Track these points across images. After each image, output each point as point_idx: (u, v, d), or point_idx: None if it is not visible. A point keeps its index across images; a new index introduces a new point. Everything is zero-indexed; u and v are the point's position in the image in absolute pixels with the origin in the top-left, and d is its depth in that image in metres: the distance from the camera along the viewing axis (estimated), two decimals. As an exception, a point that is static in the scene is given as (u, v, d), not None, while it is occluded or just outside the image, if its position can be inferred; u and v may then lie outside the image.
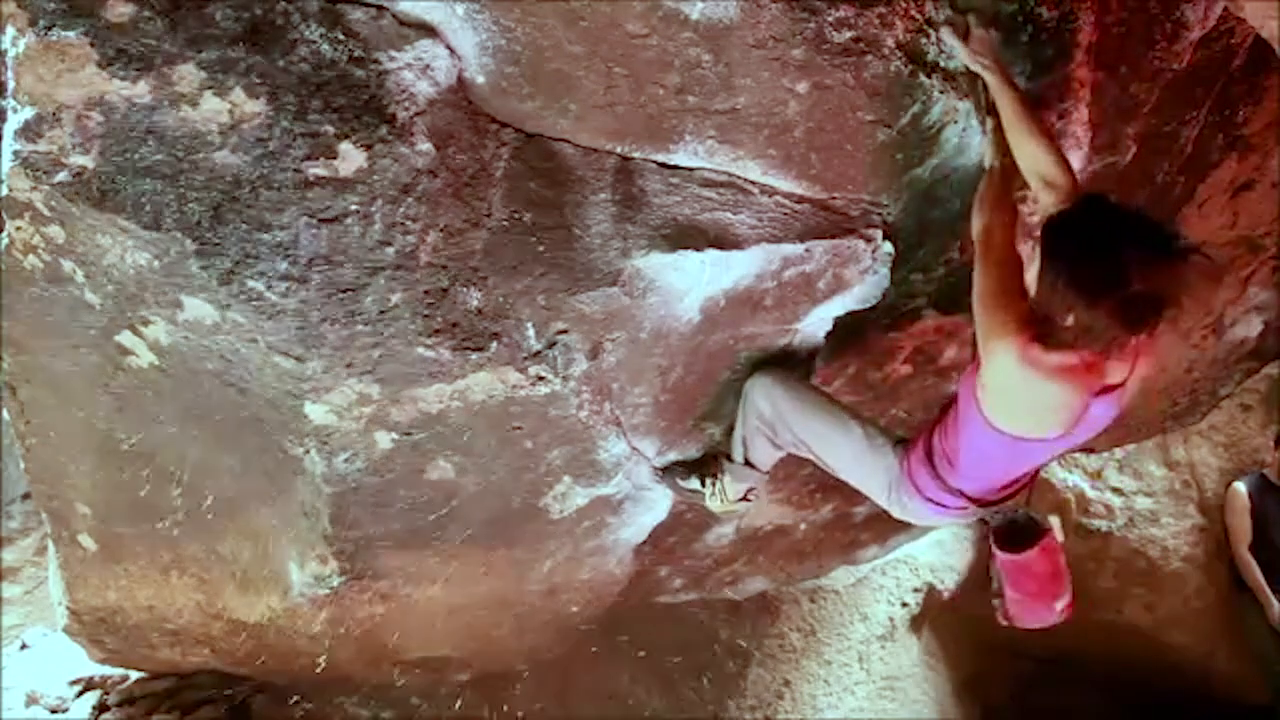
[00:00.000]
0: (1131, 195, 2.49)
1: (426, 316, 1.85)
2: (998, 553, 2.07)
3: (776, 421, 2.19)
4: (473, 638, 2.92)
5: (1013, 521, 2.05)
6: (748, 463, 2.33)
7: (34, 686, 3.39)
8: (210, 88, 1.58)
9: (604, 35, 1.69)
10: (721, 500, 2.41)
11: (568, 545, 2.54)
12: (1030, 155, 1.77)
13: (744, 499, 2.43)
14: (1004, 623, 2.18)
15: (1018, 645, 5.25)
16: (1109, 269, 1.51)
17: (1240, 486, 4.41)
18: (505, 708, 3.67)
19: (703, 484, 2.41)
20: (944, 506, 2.03)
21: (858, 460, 2.13)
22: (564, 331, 2.00)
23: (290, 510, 2.23)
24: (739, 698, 4.20)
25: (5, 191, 1.68)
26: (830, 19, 1.75)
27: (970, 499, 1.99)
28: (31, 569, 4.21)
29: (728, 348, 2.22)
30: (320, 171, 1.66)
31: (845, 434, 2.13)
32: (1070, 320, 1.57)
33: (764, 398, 2.21)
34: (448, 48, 1.68)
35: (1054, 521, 2.11)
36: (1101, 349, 1.61)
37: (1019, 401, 1.73)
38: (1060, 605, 2.12)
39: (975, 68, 1.84)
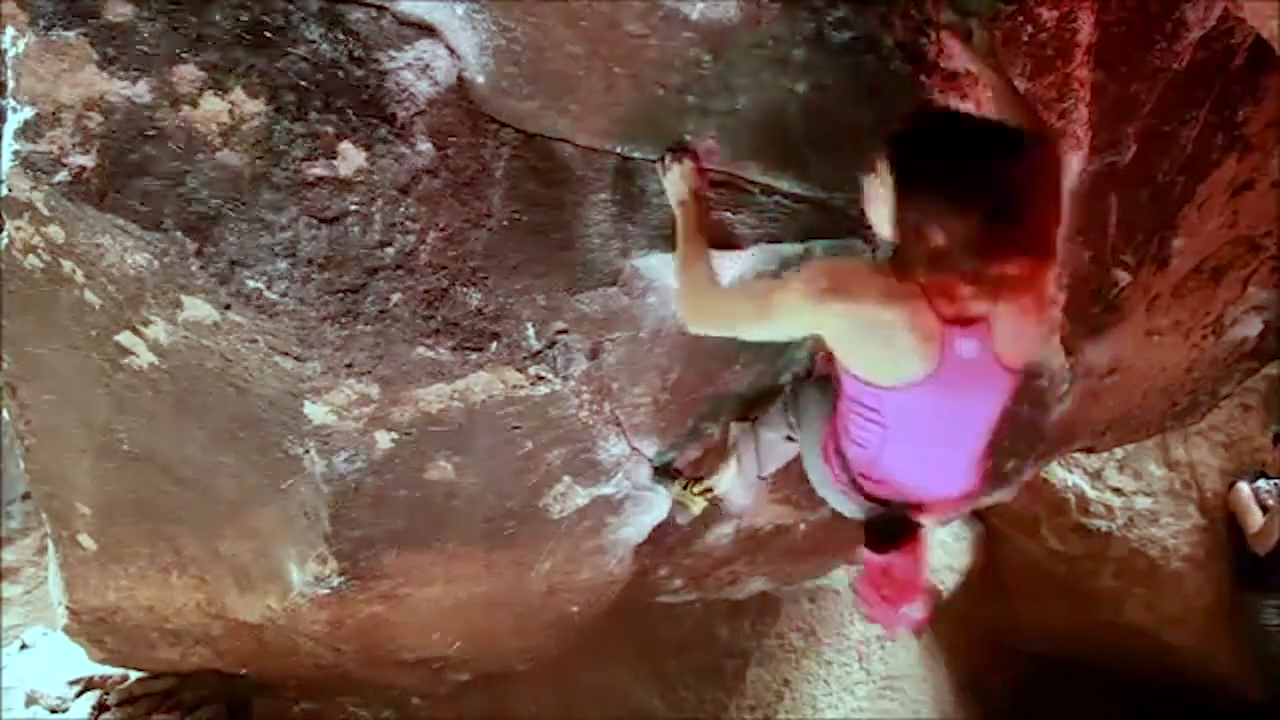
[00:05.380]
0: (1132, 195, 2.49)
1: (426, 316, 1.85)
2: (865, 550, 1.95)
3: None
4: (473, 638, 2.92)
5: (888, 520, 1.92)
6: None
7: (34, 686, 3.39)
8: (210, 88, 1.58)
9: (604, 35, 1.69)
10: (685, 486, 2.40)
11: (568, 545, 2.54)
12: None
13: (707, 493, 2.41)
14: (867, 618, 2.09)
15: (1018, 645, 5.27)
16: (971, 169, 1.46)
17: (1243, 486, 4.42)
18: (505, 708, 3.67)
19: (687, 483, 2.42)
20: (835, 472, 1.93)
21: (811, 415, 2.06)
22: (564, 331, 2.00)
23: (290, 510, 2.23)
24: (739, 698, 4.21)
25: (5, 191, 1.68)
26: (830, 19, 1.75)
27: (861, 488, 1.88)
28: (31, 569, 4.21)
29: (728, 348, 2.22)
30: (320, 171, 1.66)
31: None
32: (941, 236, 1.47)
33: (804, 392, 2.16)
34: (448, 48, 1.68)
35: (928, 525, 1.97)
36: (969, 261, 1.49)
37: (867, 342, 1.61)
38: (912, 612, 1.99)
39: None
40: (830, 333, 1.63)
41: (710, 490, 2.43)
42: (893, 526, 1.90)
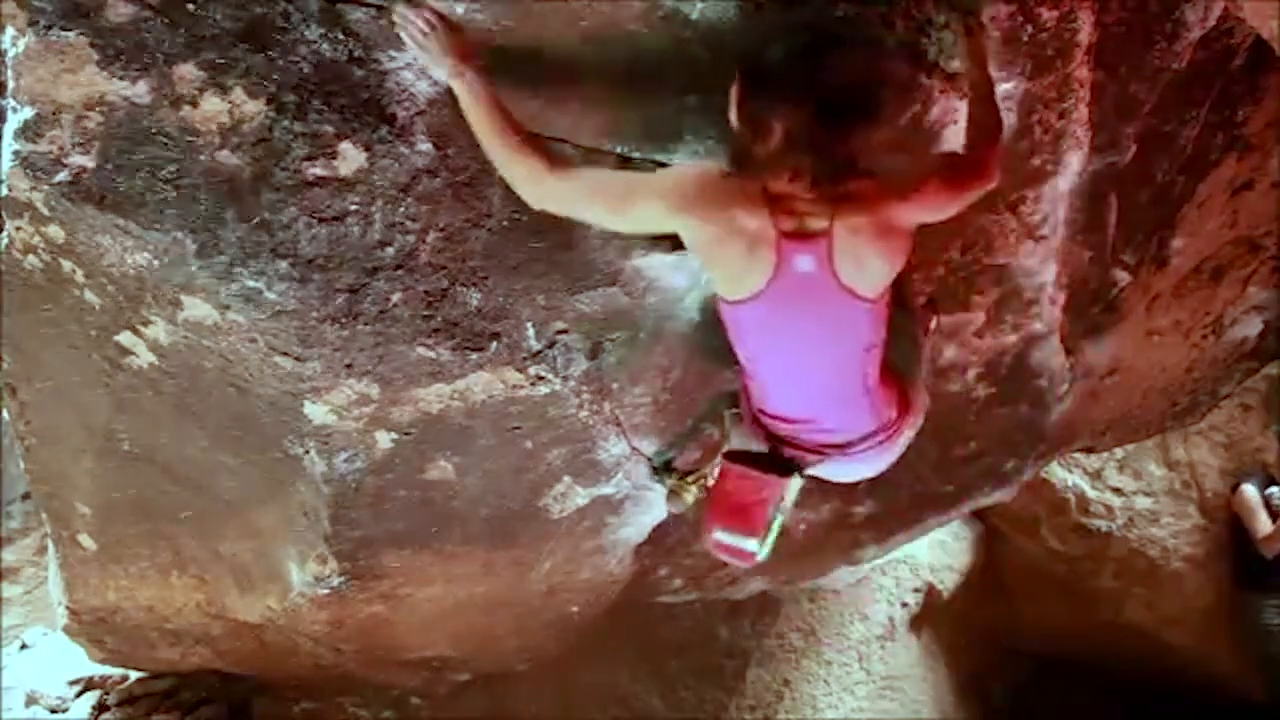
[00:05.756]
0: (1132, 195, 2.49)
1: (426, 316, 1.85)
2: (722, 458, 2.04)
3: None
4: (473, 638, 2.92)
5: (766, 454, 1.97)
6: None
7: (34, 686, 3.39)
8: (210, 88, 1.58)
9: (604, 35, 1.69)
10: (681, 477, 2.39)
11: (568, 545, 2.54)
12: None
13: (701, 480, 2.39)
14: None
15: (1018, 645, 5.27)
16: (806, 69, 1.57)
17: (1249, 488, 4.41)
18: (505, 708, 3.67)
19: (682, 476, 2.41)
20: (743, 408, 2.01)
21: None
22: (564, 331, 2.00)
23: (290, 510, 2.24)
24: (739, 698, 4.21)
25: (5, 191, 1.68)
26: (830, 19, 1.75)
27: (764, 426, 1.95)
28: (31, 569, 4.22)
29: (728, 348, 2.22)
30: (320, 171, 1.66)
31: None
32: (779, 131, 1.54)
33: None
34: (448, 48, 1.68)
35: (793, 484, 1.98)
36: (806, 158, 1.57)
37: (717, 253, 1.67)
38: (721, 536, 2.02)
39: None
40: (688, 237, 1.68)
41: (704, 478, 2.42)
42: (764, 455, 1.96)
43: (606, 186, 1.69)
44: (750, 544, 2.01)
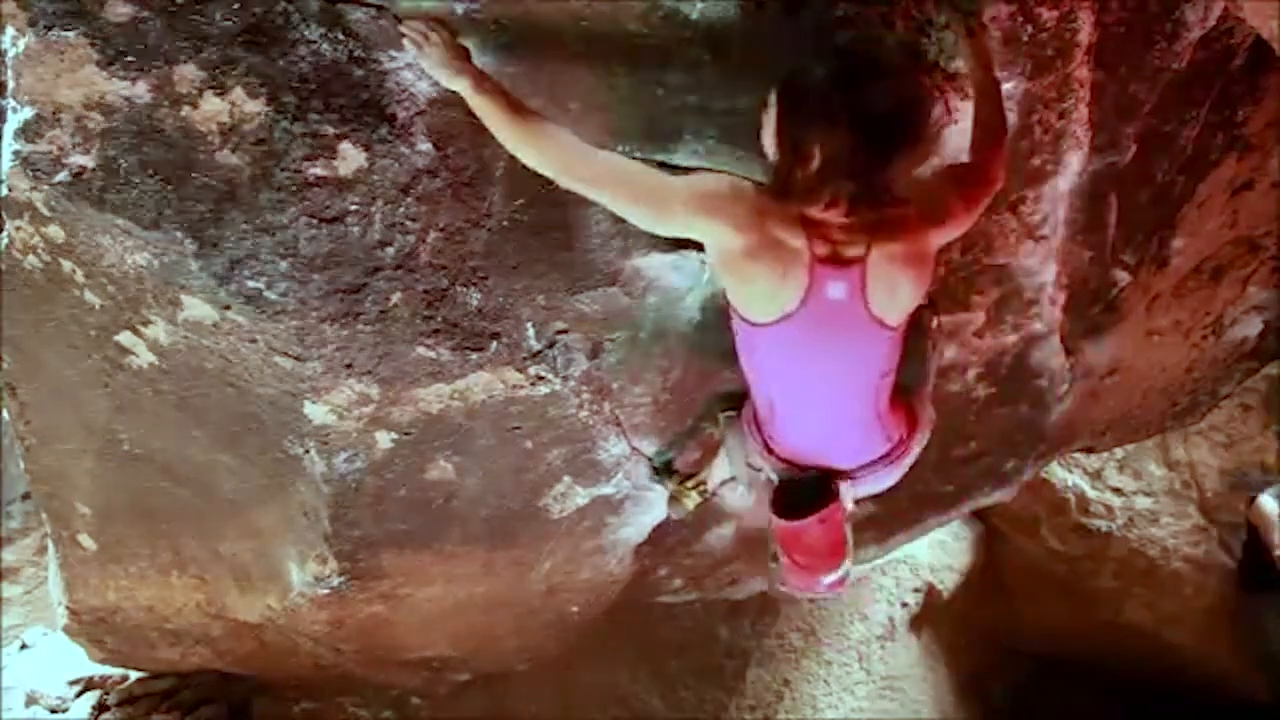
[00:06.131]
0: (1132, 195, 2.49)
1: (426, 316, 1.85)
2: (773, 518, 1.94)
3: None
4: (473, 638, 2.92)
5: (799, 484, 1.90)
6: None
7: (34, 686, 3.39)
8: (210, 88, 1.58)
9: (604, 35, 1.69)
10: (681, 481, 2.39)
11: (568, 545, 2.54)
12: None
13: (700, 486, 2.40)
14: (780, 587, 2.06)
15: (1018, 645, 5.27)
16: (848, 93, 1.54)
17: (1268, 500, 4.38)
18: (505, 708, 3.67)
19: (683, 480, 2.42)
20: (752, 433, 1.95)
21: None
22: (564, 331, 2.00)
23: (290, 510, 2.24)
24: (739, 698, 4.21)
25: (5, 191, 1.68)
26: (830, 19, 1.75)
27: (773, 451, 1.91)
28: (31, 569, 4.22)
29: (728, 348, 2.22)
30: (320, 171, 1.66)
31: None
32: (817, 155, 1.52)
33: None
34: (448, 48, 1.68)
35: (845, 491, 1.93)
36: (839, 184, 1.55)
37: (748, 268, 1.62)
38: (828, 579, 1.99)
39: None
40: (719, 246, 1.63)
41: (703, 483, 2.43)
42: (803, 492, 1.90)
43: (638, 175, 1.63)
44: (846, 565, 1.99)
